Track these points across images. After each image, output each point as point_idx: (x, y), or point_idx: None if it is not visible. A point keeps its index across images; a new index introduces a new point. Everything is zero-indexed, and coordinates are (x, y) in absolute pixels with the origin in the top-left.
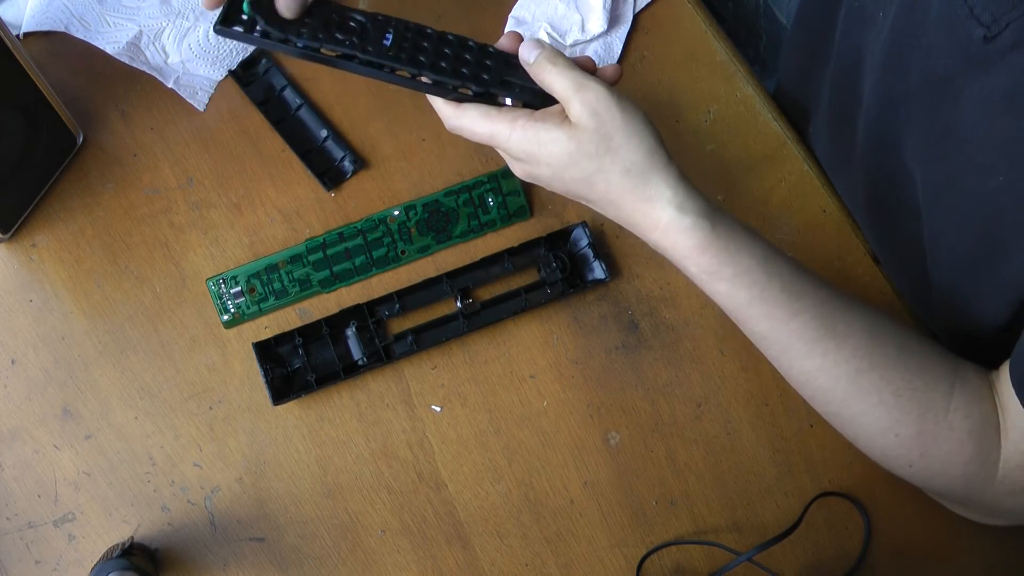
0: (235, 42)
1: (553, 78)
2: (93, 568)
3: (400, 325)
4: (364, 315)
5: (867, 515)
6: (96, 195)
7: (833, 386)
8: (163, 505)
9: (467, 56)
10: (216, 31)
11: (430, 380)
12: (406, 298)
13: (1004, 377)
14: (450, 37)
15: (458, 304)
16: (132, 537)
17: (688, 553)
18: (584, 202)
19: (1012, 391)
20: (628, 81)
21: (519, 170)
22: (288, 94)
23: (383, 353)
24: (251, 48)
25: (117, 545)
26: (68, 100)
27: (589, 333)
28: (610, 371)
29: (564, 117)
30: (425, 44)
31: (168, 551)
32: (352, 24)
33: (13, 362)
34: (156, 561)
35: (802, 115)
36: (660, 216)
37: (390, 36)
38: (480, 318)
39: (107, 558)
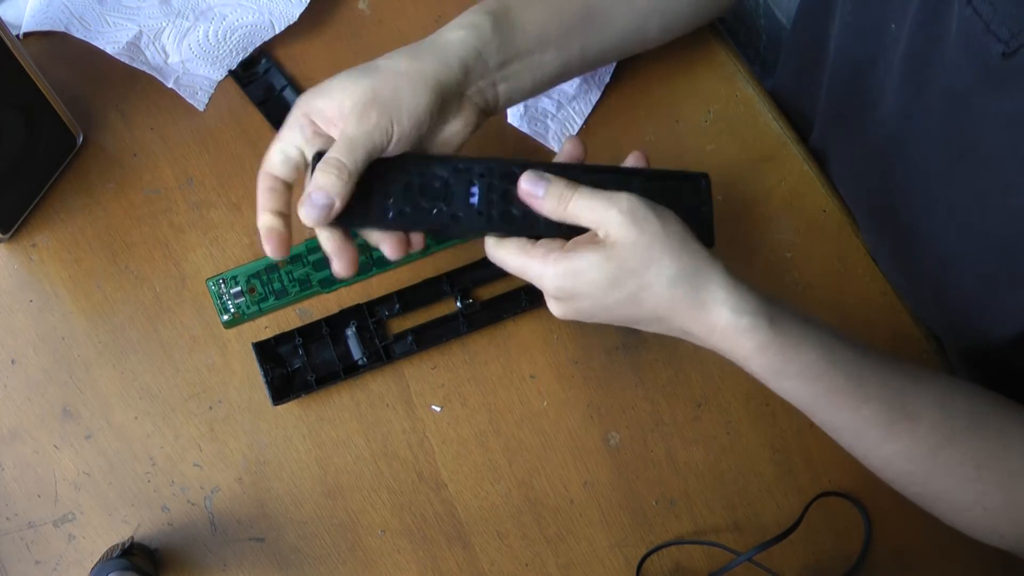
0: (235, 43)
1: (577, 209)
2: (93, 568)
3: (400, 325)
4: (364, 315)
5: (867, 515)
6: (96, 195)
7: (914, 468)
8: (163, 505)
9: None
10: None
11: (430, 380)
12: (406, 298)
13: None
14: (515, 169)
15: (458, 304)
16: (132, 537)
17: (688, 553)
18: (631, 325)
19: None
20: (628, 81)
21: (559, 311)
22: (288, 94)
23: (383, 353)
24: (251, 48)
25: (117, 545)
26: (68, 100)
27: (589, 333)
28: (610, 371)
29: (596, 240)
30: (510, 187)
31: (168, 551)
32: (436, 184)
33: (13, 362)
34: (156, 561)
35: (799, 122)
36: (716, 321)
37: (476, 191)
38: (480, 318)
39: (107, 558)
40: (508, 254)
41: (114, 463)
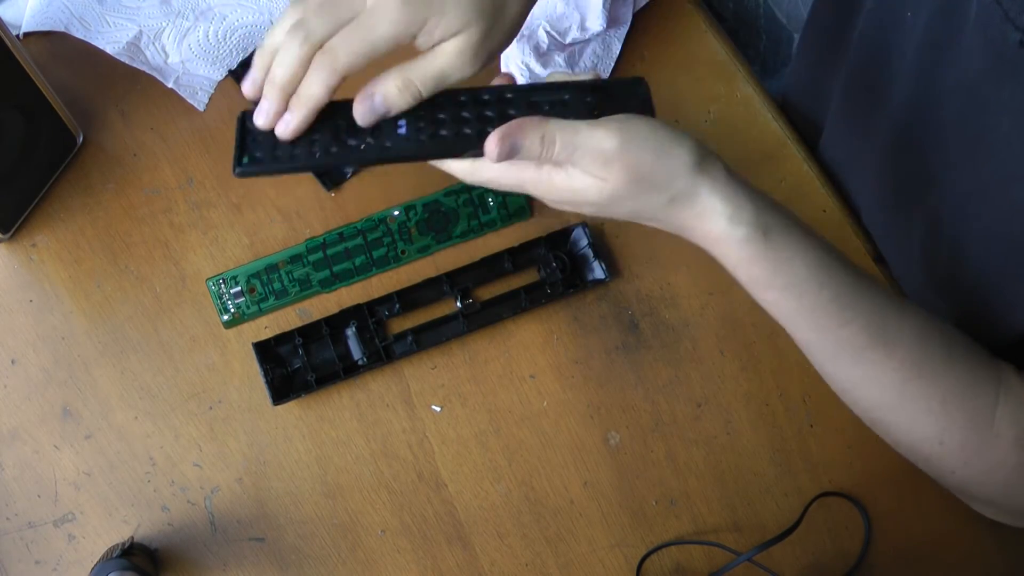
0: (235, 43)
1: (563, 154)
2: (93, 568)
3: (400, 325)
4: (364, 315)
5: (867, 515)
6: (96, 195)
7: (880, 394)
8: (163, 505)
9: (488, 113)
10: (237, 175)
11: (430, 380)
12: (406, 298)
13: None
14: (463, 98)
15: (458, 304)
16: (132, 537)
17: (688, 553)
18: (633, 220)
19: None
20: None
21: (556, 207)
22: None
23: (383, 353)
24: (251, 48)
25: (117, 545)
26: (68, 100)
27: (589, 333)
28: (610, 371)
29: (593, 163)
30: (442, 116)
31: (168, 551)
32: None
33: (13, 362)
34: (156, 561)
35: (815, 115)
36: (711, 228)
37: (403, 123)
38: (480, 318)
39: (107, 558)
40: (499, 173)
41: (114, 463)
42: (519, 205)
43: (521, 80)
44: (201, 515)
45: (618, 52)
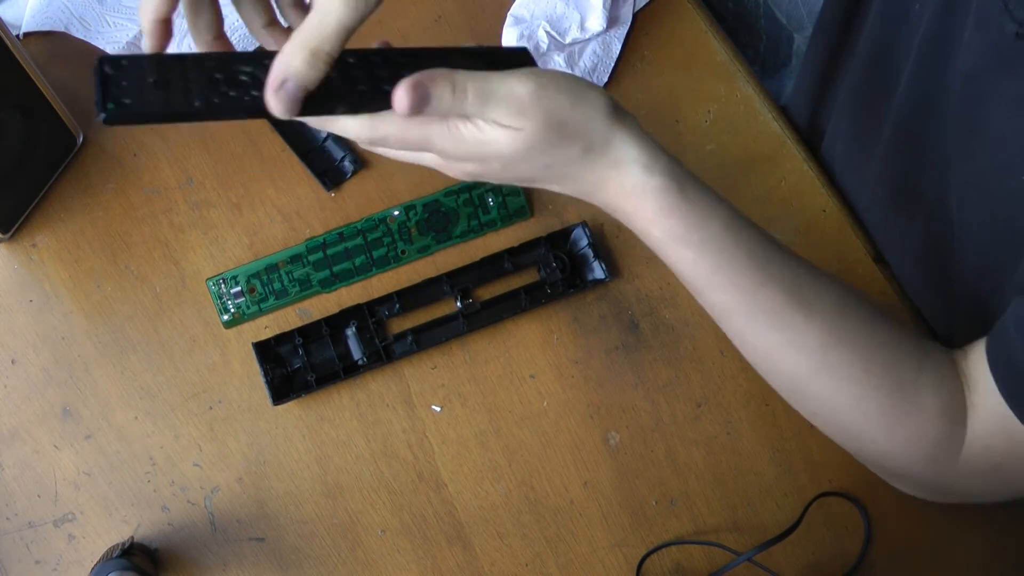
0: (234, 43)
1: (474, 109)
2: (93, 568)
3: (400, 325)
4: (364, 315)
5: (867, 515)
6: (96, 195)
7: (798, 359)
8: (163, 505)
9: (381, 73)
10: (104, 122)
11: (430, 380)
12: (406, 298)
13: (976, 355)
14: (351, 59)
15: (458, 304)
16: (132, 537)
17: (688, 553)
18: (535, 184)
19: (986, 368)
20: (628, 81)
21: (457, 171)
22: None
23: (383, 353)
24: (250, 48)
25: (117, 545)
26: (68, 100)
27: (589, 333)
28: (610, 371)
29: (507, 111)
30: (333, 75)
31: (168, 551)
32: (243, 76)
33: (13, 362)
34: (156, 561)
35: (818, 114)
36: (625, 179)
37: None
38: (480, 318)
39: (107, 558)
40: (401, 128)
41: (114, 463)
42: (519, 205)
43: None
44: (201, 515)
45: (618, 52)
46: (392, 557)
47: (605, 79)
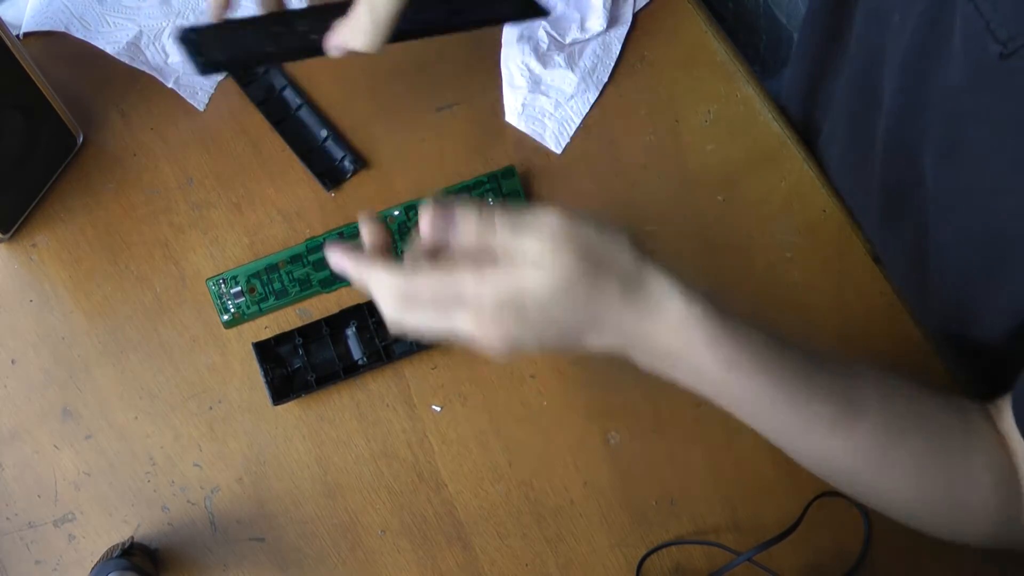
0: None
1: (503, 240)
2: (93, 568)
3: None
4: (364, 315)
5: (867, 515)
6: (96, 195)
7: (859, 464)
8: (163, 505)
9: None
10: (201, 73)
11: (430, 380)
12: None
13: (1006, 415)
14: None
15: None
16: (132, 537)
17: (688, 553)
18: (574, 342)
19: (1016, 431)
20: (628, 81)
21: (493, 334)
22: (288, 94)
23: (383, 353)
24: None
25: (117, 545)
26: (68, 100)
27: None
28: (610, 371)
29: (534, 256)
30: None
31: (168, 551)
32: (278, 28)
33: (13, 362)
34: (156, 561)
35: (813, 116)
36: (670, 315)
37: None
38: None
39: (107, 558)
40: (433, 279)
41: (114, 463)
42: (519, 205)
43: (520, 79)
44: (201, 515)
45: (618, 52)
46: (392, 557)
47: (605, 79)
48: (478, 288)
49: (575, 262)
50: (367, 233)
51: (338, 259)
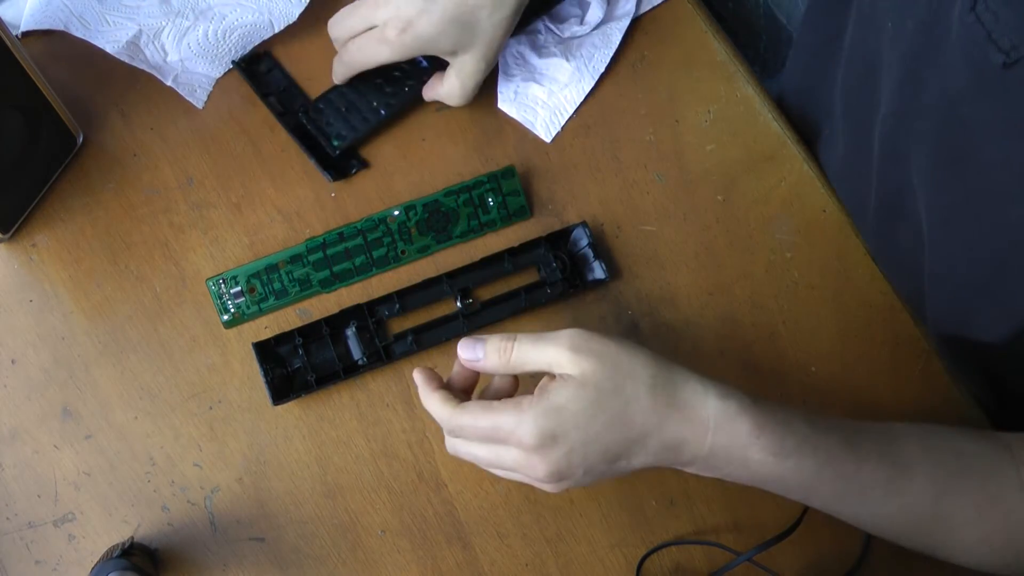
0: (234, 42)
1: (523, 357)
2: (93, 568)
3: (400, 325)
4: (364, 315)
5: None
6: (96, 195)
7: (915, 520)
8: (163, 505)
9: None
10: (338, 152)
11: None
12: (406, 298)
13: None
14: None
15: (458, 304)
16: (132, 537)
17: (688, 553)
18: (621, 459)
19: None
20: (628, 81)
21: (541, 467)
22: (292, 91)
23: (383, 353)
24: (250, 47)
25: (117, 545)
26: (68, 100)
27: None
28: None
29: (556, 380)
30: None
31: (168, 551)
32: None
33: (13, 362)
34: (156, 561)
35: (811, 118)
36: (707, 414)
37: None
38: (480, 318)
39: (107, 558)
40: (474, 416)
41: (114, 463)
42: (519, 205)
43: (515, 68)
44: (201, 515)
45: (617, 43)
46: (392, 557)
47: (602, 69)
48: (518, 420)
49: (596, 365)
50: (420, 373)
51: (415, 375)
